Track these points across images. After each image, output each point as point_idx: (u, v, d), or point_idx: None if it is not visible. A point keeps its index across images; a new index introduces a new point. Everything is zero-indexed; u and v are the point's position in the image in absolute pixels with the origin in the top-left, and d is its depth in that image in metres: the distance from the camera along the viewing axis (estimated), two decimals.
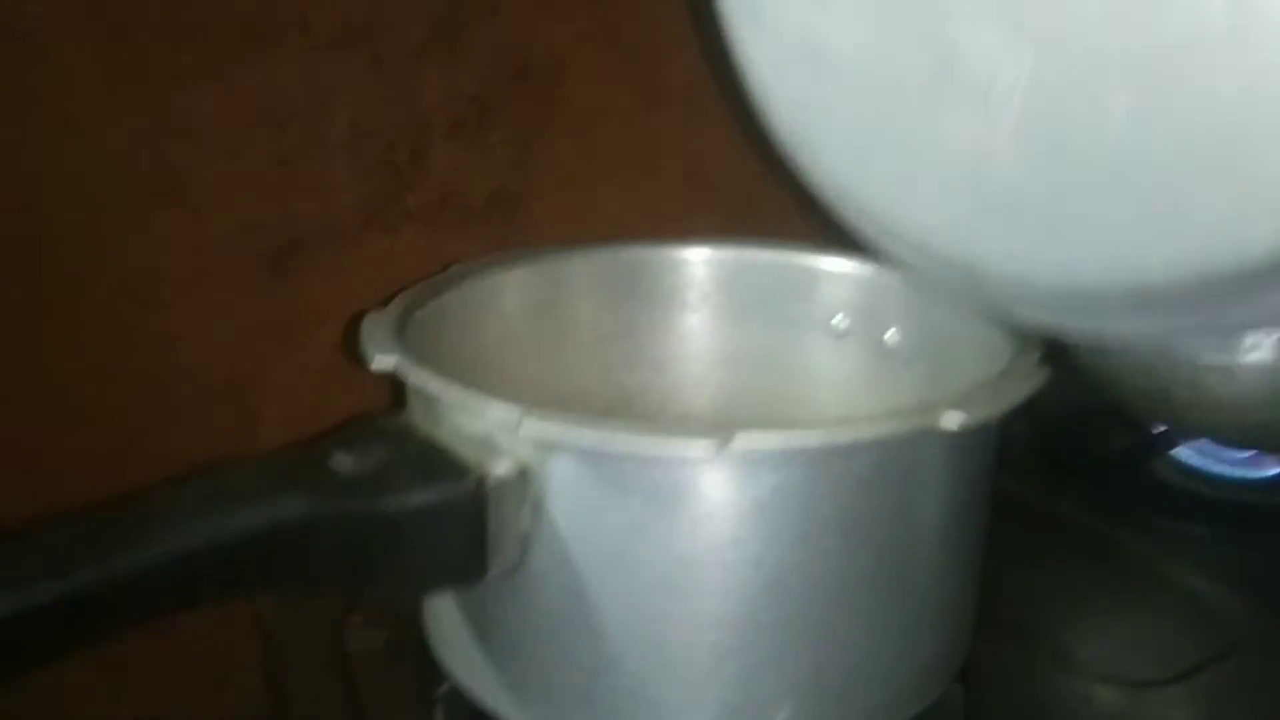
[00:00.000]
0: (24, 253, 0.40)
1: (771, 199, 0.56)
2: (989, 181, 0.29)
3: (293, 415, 0.47)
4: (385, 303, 0.40)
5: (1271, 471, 0.51)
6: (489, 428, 0.30)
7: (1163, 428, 0.51)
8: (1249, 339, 0.45)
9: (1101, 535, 0.49)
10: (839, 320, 0.44)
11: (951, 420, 0.28)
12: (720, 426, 0.27)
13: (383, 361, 0.32)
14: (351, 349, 0.36)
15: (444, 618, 0.34)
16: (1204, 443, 0.52)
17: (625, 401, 0.47)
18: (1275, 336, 0.45)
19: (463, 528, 0.29)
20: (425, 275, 0.45)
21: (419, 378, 0.31)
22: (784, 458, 0.29)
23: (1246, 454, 0.51)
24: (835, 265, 0.44)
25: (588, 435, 0.28)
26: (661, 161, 0.53)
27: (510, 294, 0.43)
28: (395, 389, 0.35)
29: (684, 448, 0.28)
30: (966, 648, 0.36)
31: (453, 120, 0.48)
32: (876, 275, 0.43)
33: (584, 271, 0.45)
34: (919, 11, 0.29)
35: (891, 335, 0.43)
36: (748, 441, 0.27)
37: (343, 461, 0.29)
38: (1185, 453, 0.52)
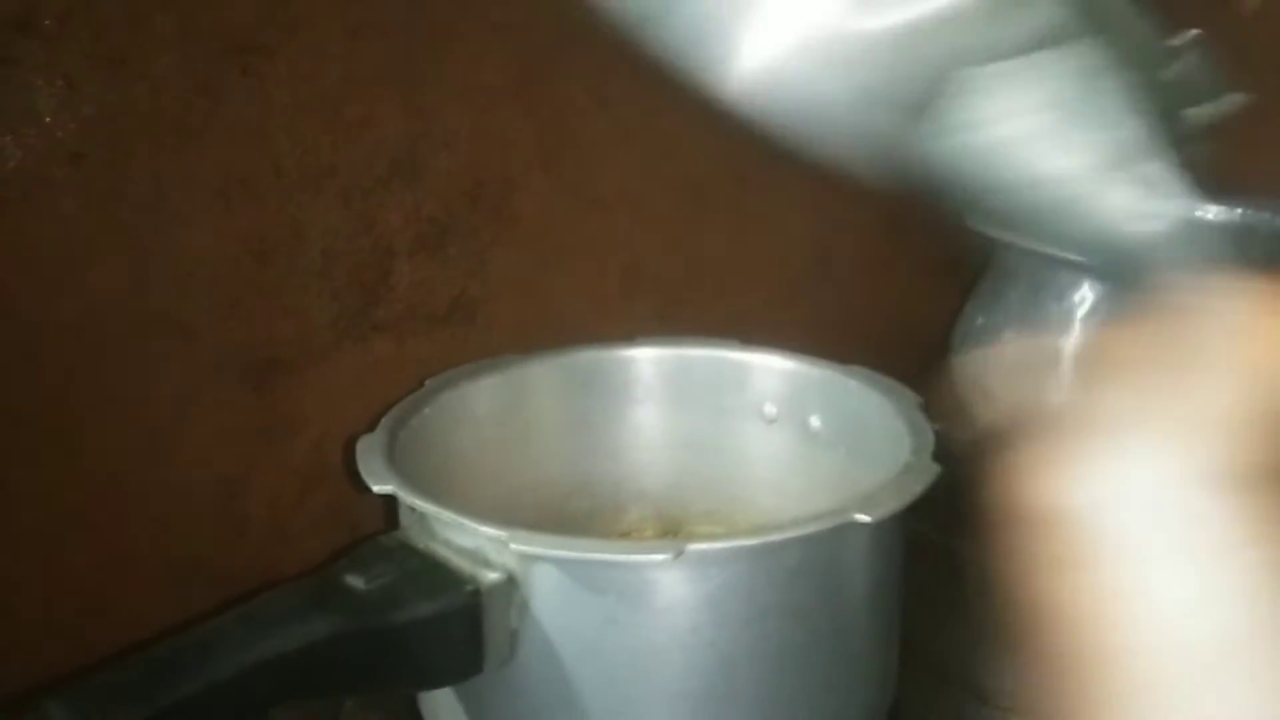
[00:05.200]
0: (26, 387, 0.44)
1: (701, 287, 0.63)
2: None
3: (277, 514, 0.52)
4: (371, 417, 0.45)
5: None
6: (479, 542, 0.35)
7: None
8: None
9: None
10: (769, 408, 0.50)
11: (862, 518, 0.34)
12: (674, 540, 0.32)
13: (381, 488, 0.37)
14: (349, 464, 0.41)
15: (441, 706, 0.39)
16: None
17: (585, 486, 0.52)
18: None
19: (462, 631, 0.34)
20: (396, 379, 0.51)
21: (415, 502, 0.37)
22: (728, 557, 0.35)
23: None
24: (763, 360, 0.51)
25: (567, 550, 0.34)
26: (603, 262, 0.59)
27: (480, 401, 0.48)
28: (388, 503, 0.40)
29: (647, 556, 0.33)
30: (893, 690, 0.42)
31: (414, 240, 0.53)
32: (800, 369, 0.49)
33: (543, 374, 0.50)
34: None
35: (815, 421, 0.49)
36: (698, 548, 0.33)
37: (355, 582, 0.34)
38: None
